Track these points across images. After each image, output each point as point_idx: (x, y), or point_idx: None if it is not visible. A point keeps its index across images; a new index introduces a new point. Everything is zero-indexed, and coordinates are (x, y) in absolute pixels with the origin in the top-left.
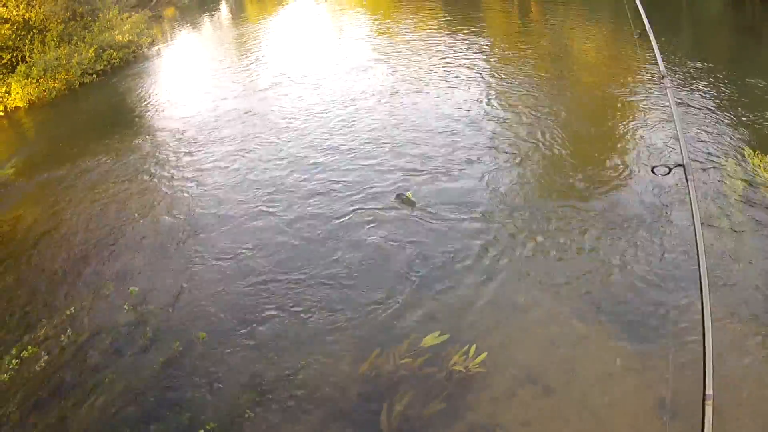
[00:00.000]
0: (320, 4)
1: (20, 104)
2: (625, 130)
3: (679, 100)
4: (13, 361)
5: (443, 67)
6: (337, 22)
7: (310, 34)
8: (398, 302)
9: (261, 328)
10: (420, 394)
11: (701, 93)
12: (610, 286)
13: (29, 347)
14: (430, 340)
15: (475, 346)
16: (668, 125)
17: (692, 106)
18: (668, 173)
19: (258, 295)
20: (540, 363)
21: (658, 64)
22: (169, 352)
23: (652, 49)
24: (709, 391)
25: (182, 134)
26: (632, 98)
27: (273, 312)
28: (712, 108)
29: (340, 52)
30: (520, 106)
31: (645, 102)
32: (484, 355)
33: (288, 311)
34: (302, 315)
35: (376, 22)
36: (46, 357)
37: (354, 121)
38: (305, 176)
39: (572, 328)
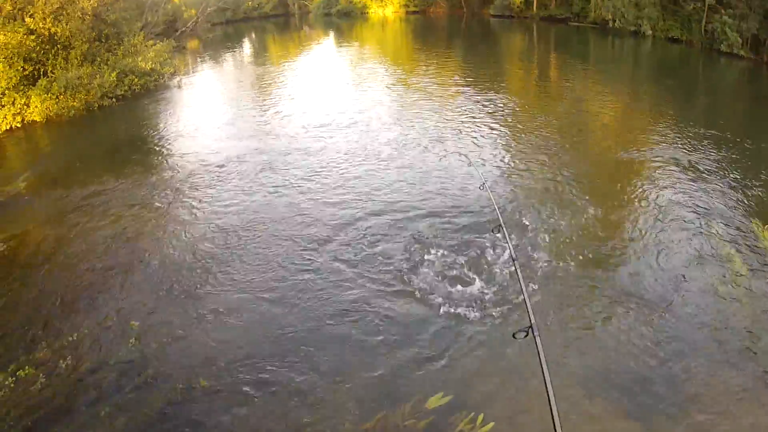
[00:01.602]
0: (342, 50)
1: (38, 118)
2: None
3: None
4: (9, 378)
5: (460, 125)
6: (357, 70)
7: (330, 82)
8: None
9: (268, 379)
10: None
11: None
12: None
13: (27, 367)
14: (435, 401)
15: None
16: None
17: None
18: (526, 335)
19: (265, 344)
20: None
21: None
22: (171, 394)
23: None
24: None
25: (194, 168)
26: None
27: (278, 364)
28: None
29: (357, 104)
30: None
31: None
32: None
33: (296, 366)
34: (312, 371)
35: (396, 73)
36: (43, 380)
37: (360, 178)
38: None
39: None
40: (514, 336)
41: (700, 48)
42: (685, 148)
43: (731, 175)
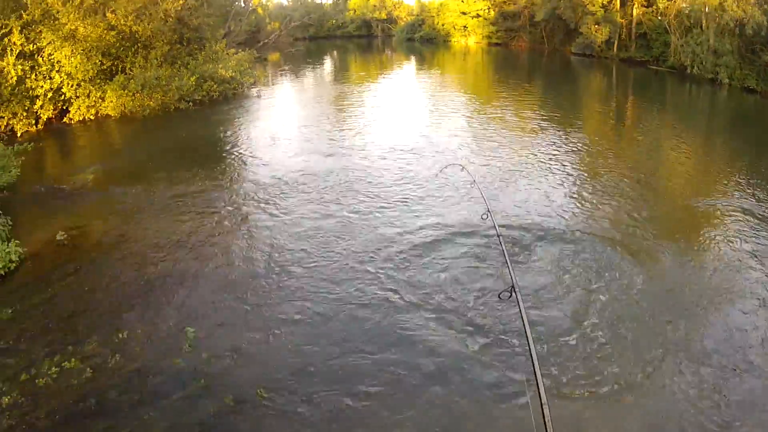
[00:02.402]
0: (422, 76)
1: (112, 113)
2: None
3: None
4: (53, 368)
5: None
6: (437, 98)
7: (408, 107)
8: None
9: (321, 400)
10: None
11: None
12: None
13: (72, 359)
14: None
15: None
16: None
17: None
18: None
19: (326, 365)
20: None
21: None
22: (218, 405)
23: None
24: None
25: (267, 180)
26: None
27: (336, 387)
28: None
29: (435, 134)
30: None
31: None
32: None
33: (353, 392)
34: (370, 398)
35: (475, 104)
36: (88, 374)
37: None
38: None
39: None
40: (499, 296)
41: None
42: (757, 200)
43: None
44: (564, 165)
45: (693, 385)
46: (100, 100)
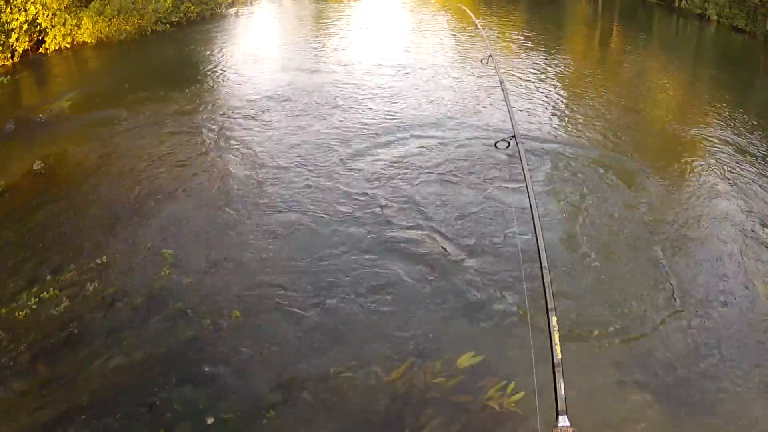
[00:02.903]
0: None
1: (88, 40)
2: None
3: None
4: (32, 299)
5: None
6: (416, 18)
7: (389, 26)
8: None
9: (302, 316)
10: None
11: None
12: None
13: (51, 289)
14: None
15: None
16: None
17: None
18: (508, 146)
19: (306, 275)
20: None
21: None
22: (198, 327)
23: None
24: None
25: (249, 97)
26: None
27: (315, 300)
28: None
29: (417, 52)
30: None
31: None
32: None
33: (332, 302)
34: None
35: (457, 24)
36: (66, 303)
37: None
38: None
39: None
40: (495, 146)
41: (763, 40)
42: (738, 132)
43: None
44: (547, 87)
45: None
46: (75, 28)
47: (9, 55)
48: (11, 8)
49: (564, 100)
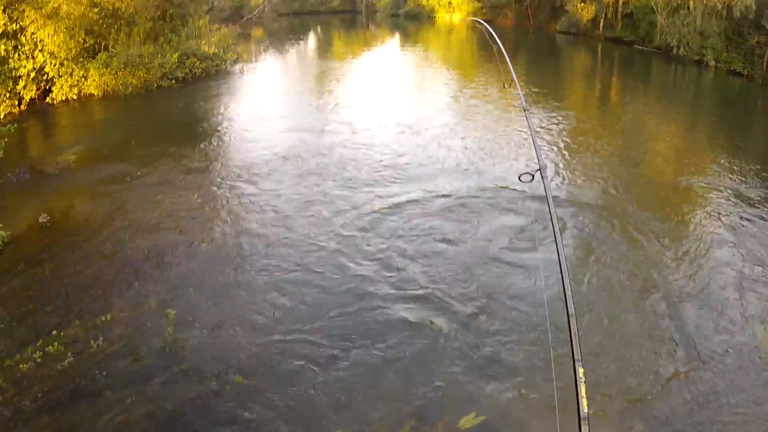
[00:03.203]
0: (407, 52)
1: (95, 92)
2: None
3: None
4: (37, 352)
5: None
6: (419, 74)
7: (391, 84)
8: None
9: (297, 380)
10: None
11: None
12: None
13: (55, 343)
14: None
15: None
16: None
17: None
18: (532, 179)
19: (305, 342)
20: None
21: None
22: (201, 389)
23: None
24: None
25: (253, 158)
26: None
27: (316, 367)
28: None
29: (416, 109)
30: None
31: None
32: None
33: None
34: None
35: (458, 81)
36: (71, 358)
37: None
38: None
39: None
40: (520, 179)
41: (761, 83)
42: (737, 179)
43: None
44: (549, 139)
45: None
46: (82, 79)
47: (16, 102)
48: (19, 55)
49: (565, 154)
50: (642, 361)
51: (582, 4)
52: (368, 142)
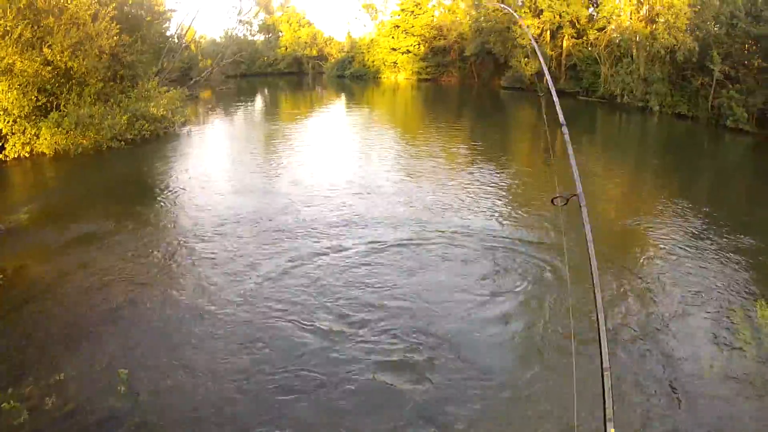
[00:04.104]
0: (353, 113)
1: (46, 151)
2: None
3: None
4: None
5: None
6: (365, 135)
7: (337, 146)
8: None
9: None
10: None
11: None
12: None
13: (11, 401)
14: None
15: None
16: None
17: None
18: (566, 203)
19: (256, 402)
20: None
21: None
22: None
23: None
24: (606, 364)
25: (200, 221)
26: None
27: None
28: None
29: (362, 171)
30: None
31: None
32: None
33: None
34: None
35: (403, 143)
36: (26, 416)
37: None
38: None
39: None
40: (552, 202)
41: (706, 123)
42: (684, 219)
43: (726, 251)
44: (496, 195)
45: None
46: (34, 138)
47: None
48: None
49: (510, 206)
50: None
51: (526, 59)
52: (315, 201)
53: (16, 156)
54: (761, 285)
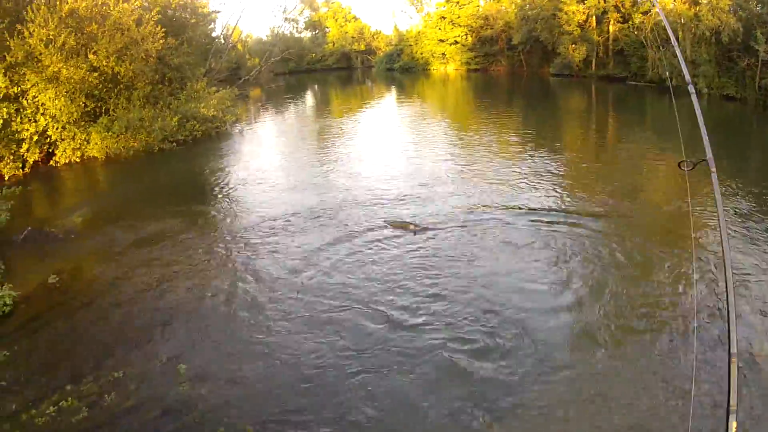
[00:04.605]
0: (404, 106)
1: (97, 155)
2: None
3: None
4: (51, 408)
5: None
6: (418, 128)
7: (390, 138)
8: None
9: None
10: None
11: None
12: None
13: (69, 398)
14: None
15: None
16: None
17: None
18: (693, 168)
19: (317, 397)
20: None
21: None
22: None
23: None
24: (734, 349)
25: (257, 218)
26: None
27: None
28: None
29: (417, 164)
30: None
31: None
32: None
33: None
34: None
35: (456, 133)
36: (85, 413)
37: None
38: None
39: None
40: (679, 165)
41: (754, 105)
42: (735, 198)
43: None
44: (550, 183)
45: None
46: (85, 143)
47: (20, 164)
48: (21, 118)
49: (565, 194)
50: None
51: (573, 45)
52: (373, 194)
53: (67, 161)
54: None
